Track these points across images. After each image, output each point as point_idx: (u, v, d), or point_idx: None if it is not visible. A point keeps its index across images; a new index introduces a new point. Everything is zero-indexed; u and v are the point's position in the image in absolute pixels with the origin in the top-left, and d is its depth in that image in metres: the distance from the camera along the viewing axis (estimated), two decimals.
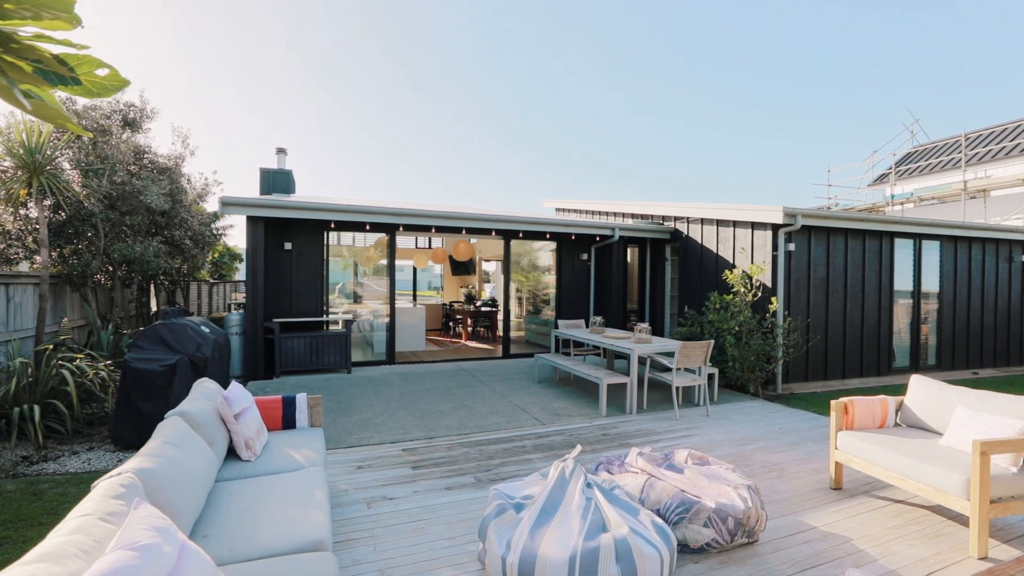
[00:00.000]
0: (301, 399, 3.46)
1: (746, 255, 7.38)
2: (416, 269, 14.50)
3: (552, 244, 9.95)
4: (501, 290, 9.72)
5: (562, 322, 7.48)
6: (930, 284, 8.10)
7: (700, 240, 8.47)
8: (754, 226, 7.27)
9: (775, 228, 6.91)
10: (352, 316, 8.83)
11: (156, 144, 8.88)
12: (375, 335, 8.93)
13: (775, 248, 6.91)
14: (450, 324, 13.28)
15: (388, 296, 8.55)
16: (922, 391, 3.70)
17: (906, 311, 7.91)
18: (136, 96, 7.48)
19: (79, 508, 1.57)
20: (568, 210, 13.51)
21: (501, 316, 10.13)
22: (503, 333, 9.77)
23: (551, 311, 10.02)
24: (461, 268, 15.03)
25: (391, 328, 8.50)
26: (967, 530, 3.00)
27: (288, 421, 3.39)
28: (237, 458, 2.87)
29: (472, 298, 13.30)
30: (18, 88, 1.38)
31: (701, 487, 2.87)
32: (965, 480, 2.75)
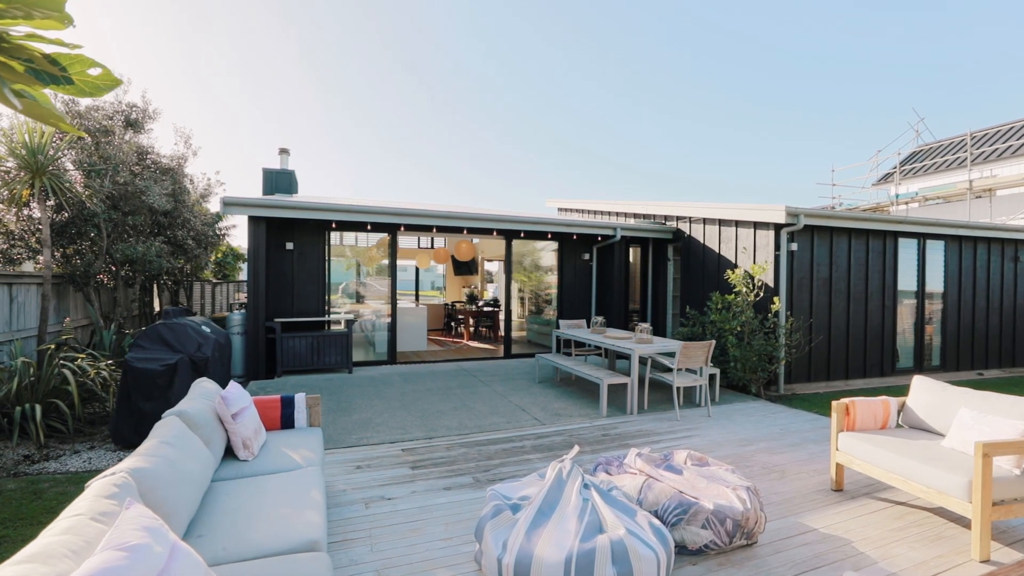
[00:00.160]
0: (300, 399, 3.46)
1: (748, 255, 7.34)
2: (419, 269, 14.51)
3: (554, 244, 9.94)
4: (503, 290, 9.72)
5: (563, 322, 7.46)
6: (934, 284, 8.03)
7: (702, 240, 8.43)
8: (756, 226, 7.23)
9: (777, 228, 6.87)
10: (354, 316, 8.84)
11: (159, 144, 8.92)
12: (377, 335, 8.94)
13: (777, 248, 6.87)
14: (452, 324, 13.28)
15: (390, 296, 8.55)
16: (924, 392, 3.66)
17: (910, 311, 7.85)
18: (138, 97, 7.54)
19: (71, 508, 1.58)
20: (570, 210, 13.50)
21: (503, 316, 10.12)
22: (505, 333, 9.76)
23: (553, 311, 10.01)
24: (463, 268, 15.02)
25: (392, 328, 8.51)
26: (969, 533, 2.96)
27: (287, 421, 3.39)
28: (235, 458, 2.87)
29: (474, 298, 13.30)
30: (9, 87, 1.39)
31: (699, 488, 2.85)
32: (967, 482, 2.72)
